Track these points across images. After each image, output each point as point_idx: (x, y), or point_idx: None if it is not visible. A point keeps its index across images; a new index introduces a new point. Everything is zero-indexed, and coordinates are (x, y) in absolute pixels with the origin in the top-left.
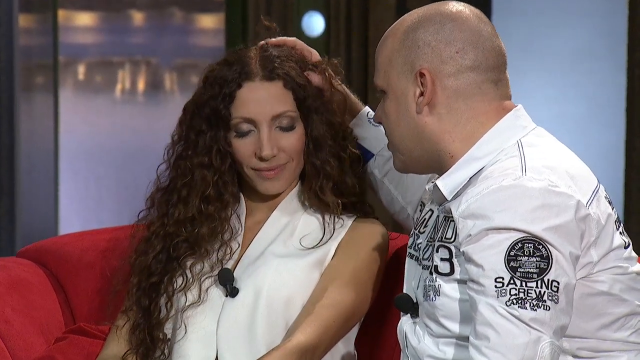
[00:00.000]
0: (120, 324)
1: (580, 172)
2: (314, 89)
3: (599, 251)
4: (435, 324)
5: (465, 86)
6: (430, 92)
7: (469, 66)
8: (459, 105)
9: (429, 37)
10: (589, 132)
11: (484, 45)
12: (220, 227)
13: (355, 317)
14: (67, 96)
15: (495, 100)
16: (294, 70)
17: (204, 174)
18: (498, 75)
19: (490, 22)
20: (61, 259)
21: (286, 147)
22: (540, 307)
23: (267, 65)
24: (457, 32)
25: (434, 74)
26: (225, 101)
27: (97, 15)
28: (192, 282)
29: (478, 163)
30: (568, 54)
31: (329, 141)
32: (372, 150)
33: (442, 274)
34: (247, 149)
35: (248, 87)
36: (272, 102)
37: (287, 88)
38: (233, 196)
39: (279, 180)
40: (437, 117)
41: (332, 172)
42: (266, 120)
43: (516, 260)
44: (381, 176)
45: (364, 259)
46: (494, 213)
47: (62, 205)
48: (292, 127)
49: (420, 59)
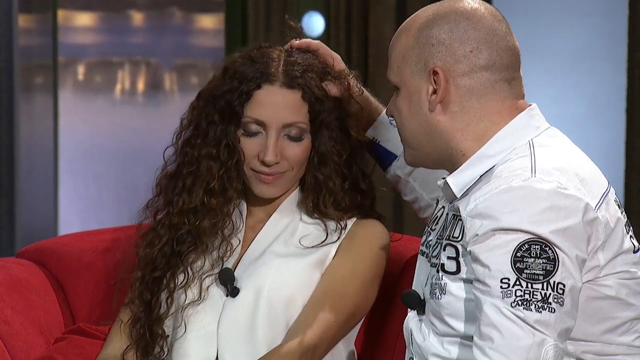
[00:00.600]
0: (123, 319)
1: (590, 174)
2: (331, 103)
3: (607, 255)
4: (440, 323)
5: (479, 85)
6: (444, 90)
7: (482, 65)
8: (472, 104)
9: (443, 35)
10: (589, 132)
11: (499, 44)
12: (221, 222)
13: (356, 317)
14: (67, 96)
15: (508, 99)
16: (314, 82)
17: (210, 165)
18: (512, 74)
19: (505, 20)
20: (61, 259)
21: (290, 157)
22: (545, 309)
23: (290, 72)
24: (471, 30)
25: (447, 72)
26: (242, 98)
27: (97, 15)
28: (192, 279)
29: (489, 161)
30: (568, 54)
31: (335, 157)
32: (395, 151)
33: (448, 272)
34: (251, 149)
35: (267, 90)
36: (287, 110)
37: (304, 100)
38: (237, 192)
39: (275, 187)
40: (450, 116)
41: (334, 188)
42: (277, 127)
43: (522, 261)
44: (406, 176)
45: (364, 259)
46: (502, 214)
47: (61, 206)
48: (300, 138)
49: (434, 57)
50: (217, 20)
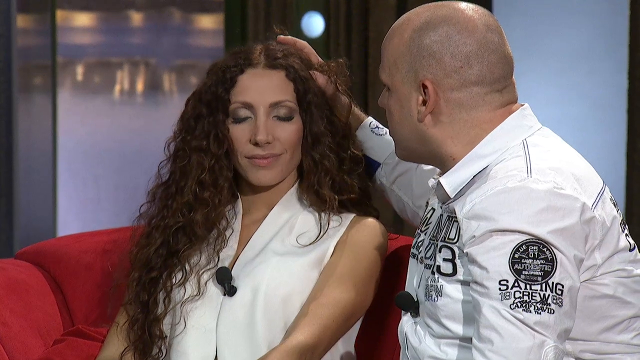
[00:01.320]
0: (120, 321)
1: (586, 173)
2: (316, 86)
3: (603, 254)
4: (436, 325)
5: (469, 99)
6: (433, 102)
7: (473, 81)
8: (462, 115)
9: (434, 48)
10: (590, 133)
11: (490, 58)
12: (214, 213)
13: (355, 316)
14: (66, 97)
15: (500, 107)
16: (298, 65)
17: (200, 157)
18: (504, 83)
19: (499, 27)
20: (59, 260)
21: (282, 137)
22: (544, 311)
23: (271, 55)
24: (462, 45)
25: (437, 85)
26: (227, 84)
27: (96, 15)
28: (190, 274)
29: (482, 161)
30: (568, 54)
31: (328, 138)
32: (378, 159)
33: (444, 274)
34: (242, 135)
35: (250, 72)
36: (272, 89)
37: (288, 79)
38: (228, 182)
39: (271, 170)
40: (440, 125)
41: (331, 167)
42: (264, 107)
43: (520, 262)
44: (389, 184)
45: (362, 257)
46: (499, 215)
47: (60, 207)
48: (289, 117)
49: (425, 69)
50: (217, 20)
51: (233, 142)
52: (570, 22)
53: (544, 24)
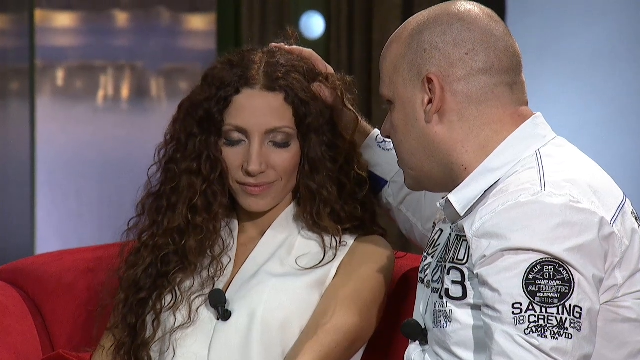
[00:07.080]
0: (106, 345)
1: (604, 185)
2: (318, 106)
3: (624, 273)
4: (446, 353)
5: (477, 90)
6: (440, 98)
7: (480, 69)
8: (470, 111)
9: (436, 39)
10: (611, 140)
11: (496, 45)
12: (208, 240)
13: (359, 341)
14: (45, 103)
15: (510, 106)
16: (299, 84)
17: (191, 181)
18: (513, 78)
19: (503, 22)
20: (38, 280)
21: (276, 165)
22: (561, 336)
23: (271, 74)
24: (465, 32)
25: (442, 79)
26: (220, 105)
27: (77, 15)
28: (181, 300)
29: (493, 175)
30: (587, 56)
31: (327, 164)
32: (385, 177)
33: (453, 298)
34: (235, 160)
35: (246, 94)
36: (269, 114)
37: (287, 102)
38: (223, 208)
39: (264, 199)
40: (448, 126)
41: (330, 197)
42: (259, 133)
43: (535, 284)
44: (397, 204)
45: (367, 279)
46: (511, 232)
47: (39, 222)
48: (286, 144)
49: (428, 63)
50: (208, 20)
51: (225, 166)
52: (588, 22)
53: (560, 25)
